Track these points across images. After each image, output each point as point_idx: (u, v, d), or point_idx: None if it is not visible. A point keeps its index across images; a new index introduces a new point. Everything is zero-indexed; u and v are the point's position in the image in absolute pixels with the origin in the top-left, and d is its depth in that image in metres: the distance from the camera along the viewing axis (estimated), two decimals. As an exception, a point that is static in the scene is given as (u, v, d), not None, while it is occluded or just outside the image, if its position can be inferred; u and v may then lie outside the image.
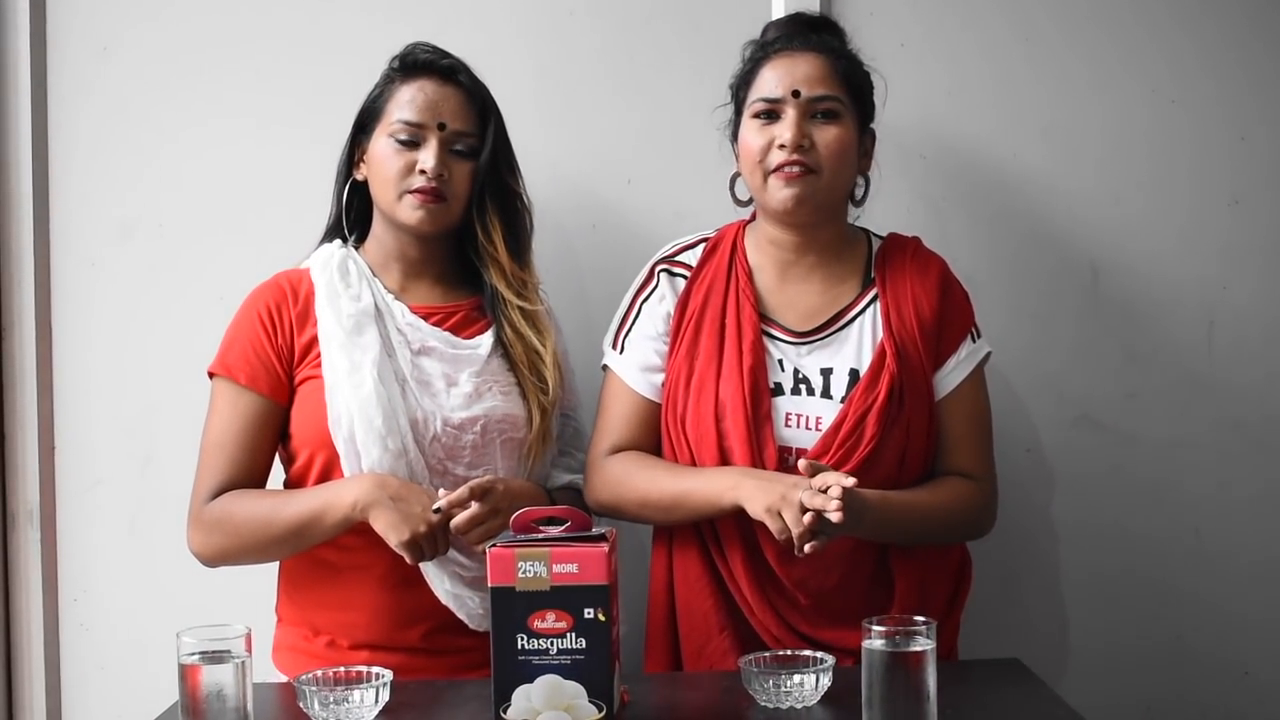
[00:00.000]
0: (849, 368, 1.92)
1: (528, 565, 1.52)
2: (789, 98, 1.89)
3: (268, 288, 1.95)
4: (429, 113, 1.91)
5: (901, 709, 1.47)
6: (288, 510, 1.84)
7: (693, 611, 1.95)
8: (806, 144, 1.87)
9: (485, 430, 1.91)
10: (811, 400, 1.90)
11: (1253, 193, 2.32)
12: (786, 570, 1.89)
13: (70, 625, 2.29)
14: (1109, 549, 2.32)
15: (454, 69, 1.94)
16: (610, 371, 2.01)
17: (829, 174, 1.89)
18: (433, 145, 1.90)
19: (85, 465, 2.29)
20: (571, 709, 1.52)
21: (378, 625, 1.88)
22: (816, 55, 1.92)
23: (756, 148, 1.90)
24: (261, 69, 2.26)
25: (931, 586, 1.95)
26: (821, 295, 1.96)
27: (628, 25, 2.28)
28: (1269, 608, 2.33)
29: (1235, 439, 2.33)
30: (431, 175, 1.89)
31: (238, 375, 1.89)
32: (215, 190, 2.27)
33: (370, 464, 1.83)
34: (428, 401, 1.89)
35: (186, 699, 1.51)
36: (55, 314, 2.28)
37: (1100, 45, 2.30)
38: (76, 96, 2.27)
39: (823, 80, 1.90)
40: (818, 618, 1.90)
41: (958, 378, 1.95)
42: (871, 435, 1.86)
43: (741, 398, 1.89)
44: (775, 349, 1.93)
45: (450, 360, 1.92)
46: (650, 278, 2.00)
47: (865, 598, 1.89)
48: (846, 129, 1.90)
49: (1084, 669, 2.28)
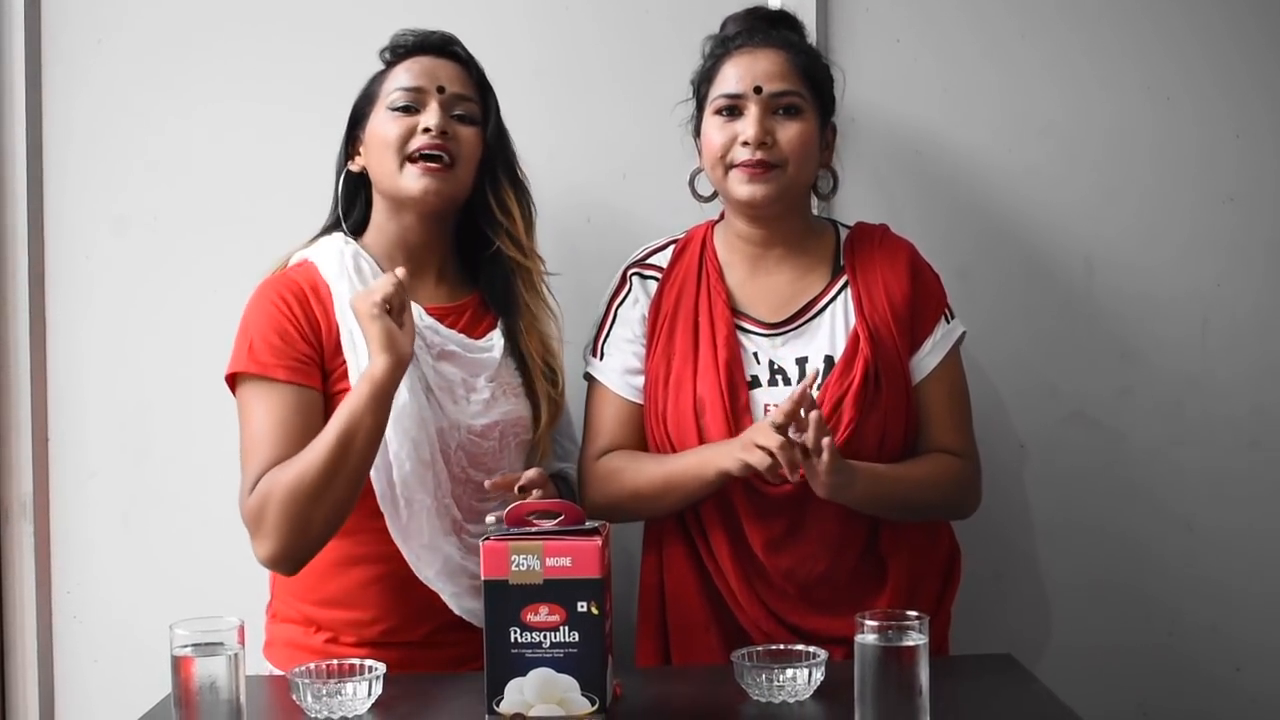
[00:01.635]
0: (823, 355, 1.94)
1: (521, 558, 1.52)
2: (750, 94, 1.91)
3: (281, 282, 1.86)
4: (427, 77, 1.87)
5: (894, 703, 1.47)
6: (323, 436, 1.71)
7: (681, 607, 1.96)
8: (769, 140, 1.90)
9: (503, 435, 1.90)
10: (788, 390, 1.91)
11: (1248, 190, 2.32)
12: (773, 560, 1.89)
13: (63, 618, 2.29)
14: (1101, 545, 2.33)
15: (446, 40, 1.92)
16: (593, 379, 2.02)
17: (793, 168, 1.91)
18: (433, 106, 1.85)
19: (79, 458, 2.28)
20: (564, 702, 1.52)
21: (383, 624, 1.86)
22: (777, 51, 1.93)
23: (719, 144, 1.92)
24: (257, 62, 2.26)
25: (922, 573, 1.96)
26: (791, 286, 1.99)
27: (624, 19, 2.28)
28: (1261, 604, 2.33)
29: (1229, 436, 2.33)
30: (435, 131, 1.83)
31: (275, 371, 1.78)
32: (210, 183, 2.26)
33: (403, 476, 1.80)
34: (451, 409, 1.86)
35: (179, 691, 1.51)
36: (49, 307, 2.28)
37: (1096, 41, 2.30)
38: (71, 89, 2.27)
39: (784, 75, 1.91)
40: (806, 607, 1.91)
41: (935, 359, 1.97)
42: (849, 420, 1.88)
43: (719, 392, 1.90)
44: (749, 342, 1.95)
45: (468, 365, 1.90)
46: (623, 283, 2.03)
47: (853, 585, 1.91)
48: (808, 123, 1.93)
49: (1076, 664, 2.29)
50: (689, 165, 2.10)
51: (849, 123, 2.25)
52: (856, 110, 2.27)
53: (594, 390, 2.02)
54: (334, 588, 1.86)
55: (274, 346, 1.80)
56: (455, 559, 1.85)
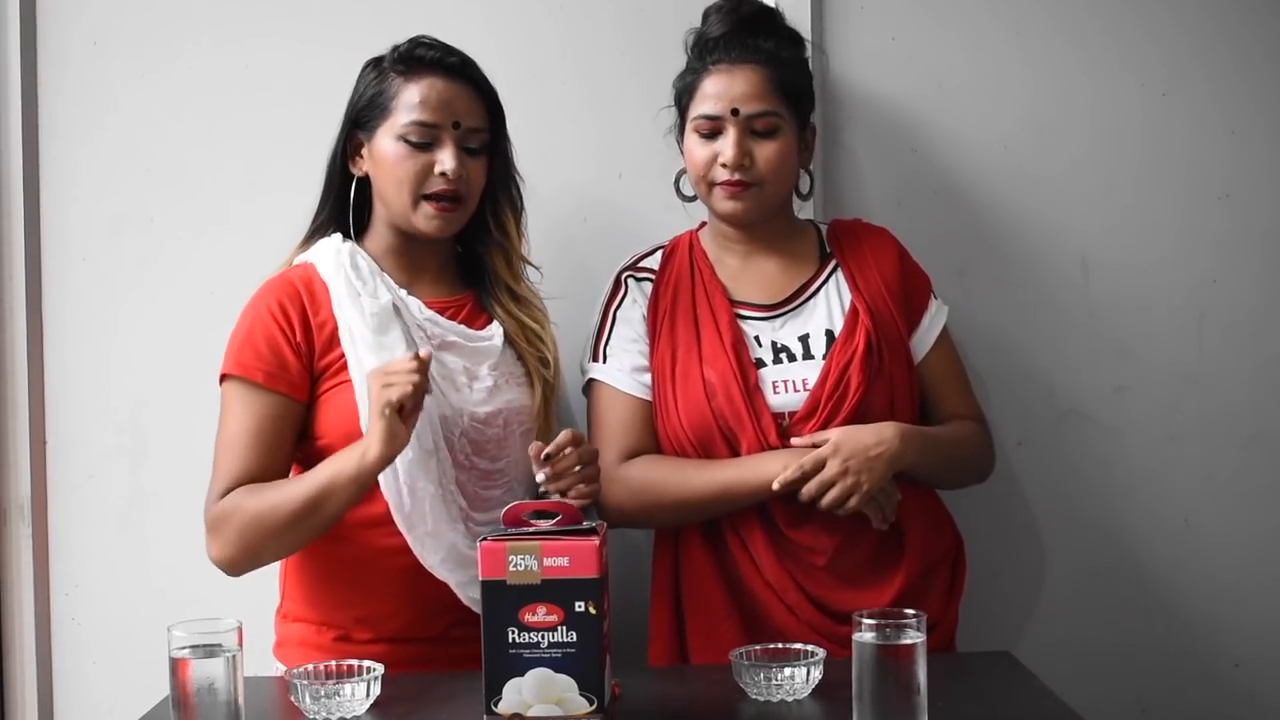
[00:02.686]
0: (824, 329, 1.98)
1: (518, 559, 1.52)
2: (728, 116, 1.95)
3: (277, 285, 1.89)
4: (443, 112, 1.87)
5: (892, 702, 1.47)
6: (300, 485, 1.78)
7: (699, 599, 1.97)
8: (747, 162, 1.95)
9: (506, 423, 1.91)
10: (794, 365, 1.96)
11: (1243, 186, 2.32)
12: (797, 532, 1.93)
13: (62, 619, 2.29)
14: (1099, 541, 2.33)
15: (463, 64, 1.91)
16: (598, 383, 2.03)
17: (770, 186, 1.98)
18: (449, 146, 1.87)
19: (76, 460, 2.28)
20: (562, 702, 1.52)
21: (401, 619, 1.87)
22: (754, 69, 1.96)
23: (701, 161, 1.98)
24: (252, 63, 2.26)
25: (935, 556, 2.00)
26: (784, 272, 2.04)
27: (621, 18, 2.28)
28: (1259, 600, 2.34)
29: (1225, 432, 2.33)
30: (453, 177, 1.86)
31: (254, 375, 1.82)
32: (206, 184, 2.26)
33: (405, 463, 1.81)
34: (454, 397, 1.88)
35: (177, 693, 1.51)
36: (46, 309, 2.28)
37: (1091, 38, 2.30)
38: (66, 90, 2.26)
39: (760, 95, 1.95)
40: (833, 580, 1.93)
41: (933, 335, 2.05)
42: (857, 385, 1.93)
43: (731, 373, 1.94)
44: (749, 327, 2.00)
45: (470, 354, 1.92)
46: (618, 286, 2.06)
47: (875, 557, 1.95)
48: (785, 140, 1.97)
49: (1074, 662, 2.29)
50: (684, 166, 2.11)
51: (844, 121, 2.25)
52: (851, 108, 2.27)
53: (600, 394, 2.02)
54: (347, 585, 1.87)
55: (259, 352, 1.84)
56: (461, 547, 1.85)
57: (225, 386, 1.86)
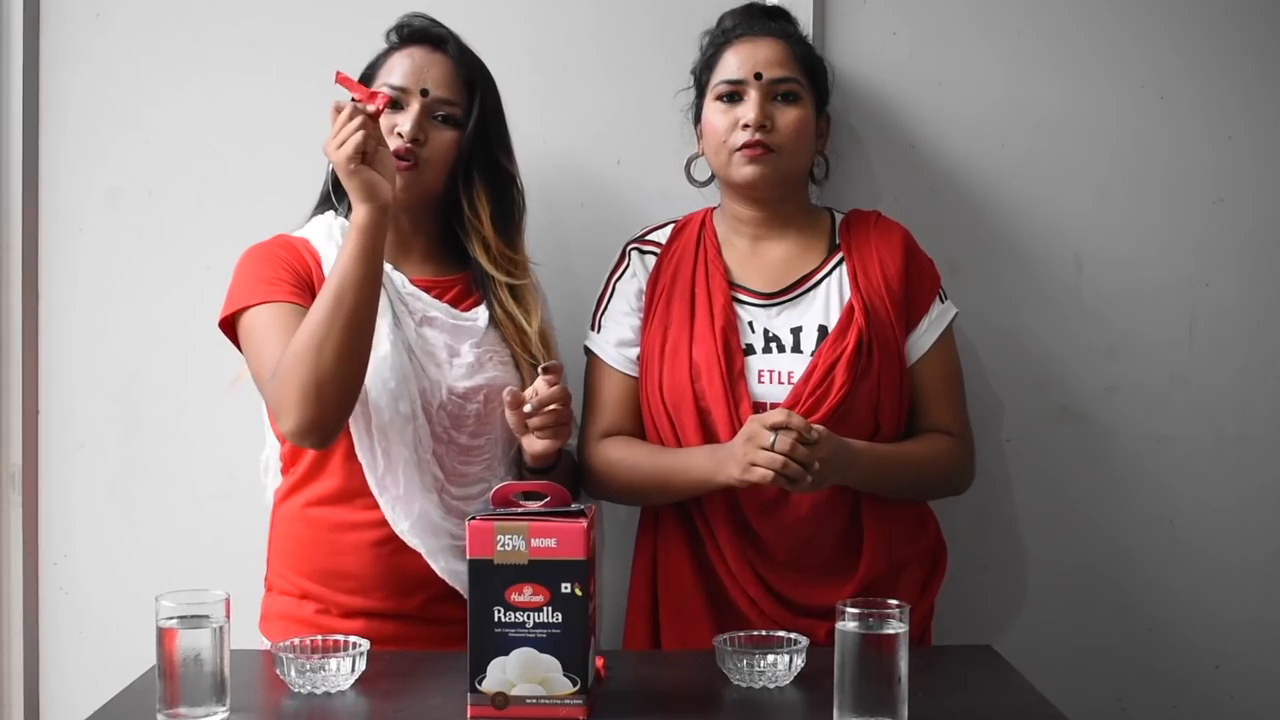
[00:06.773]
0: (818, 324, 1.98)
1: (506, 539, 1.53)
2: (751, 79, 1.97)
3: (274, 240, 1.94)
4: (413, 78, 1.91)
5: (873, 691, 1.48)
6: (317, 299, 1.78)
7: (674, 586, 1.99)
8: (769, 124, 1.96)
9: (488, 400, 1.93)
10: (783, 356, 1.97)
11: (1237, 192, 2.32)
12: (764, 524, 1.94)
13: (50, 589, 2.29)
14: (1085, 540, 2.34)
15: (444, 38, 1.95)
16: (592, 354, 2.06)
17: (789, 152, 1.98)
18: (413, 110, 1.90)
19: (68, 429, 2.29)
20: (546, 682, 1.53)
21: (376, 593, 1.88)
22: (775, 40, 2.01)
23: (721, 127, 1.98)
24: (253, 36, 2.26)
25: (905, 557, 2.00)
26: (788, 262, 2.04)
27: (621, 5, 2.28)
28: (1241, 602, 2.35)
29: (1214, 434, 2.34)
30: (407, 138, 1.88)
31: (276, 296, 1.84)
32: (204, 157, 2.26)
33: (381, 424, 1.84)
34: (434, 370, 1.90)
35: (163, 663, 1.52)
36: (42, 279, 2.28)
37: (1091, 40, 2.31)
38: (68, 61, 2.26)
39: (783, 63, 1.98)
40: (795, 575, 1.94)
41: (931, 338, 2.02)
42: (841, 384, 1.92)
43: (716, 357, 1.95)
44: (744, 312, 2.00)
45: (451, 331, 1.94)
46: (623, 258, 2.08)
47: (837, 553, 1.96)
48: (805, 110, 2.00)
49: (1056, 657, 2.30)
50: (683, 152, 2.11)
51: (844, 115, 2.26)
52: (852, 103, 2.27)
53: (592, 364, 2.06)
54: (324, 556, 1.89)
55: (271, 278, 1.86)
56: (432, 515, 1.87)
57: (244, 319, 1.86)
